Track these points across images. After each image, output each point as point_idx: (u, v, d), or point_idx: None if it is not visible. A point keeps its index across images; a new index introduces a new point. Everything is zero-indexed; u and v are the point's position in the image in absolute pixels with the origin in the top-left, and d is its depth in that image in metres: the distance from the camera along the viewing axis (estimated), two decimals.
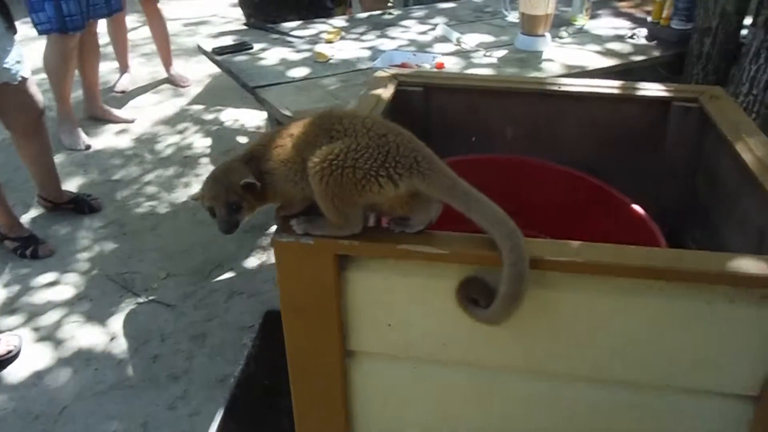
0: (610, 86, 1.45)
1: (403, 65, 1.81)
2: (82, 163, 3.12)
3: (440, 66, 1.93)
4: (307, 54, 2.09)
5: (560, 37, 2.25)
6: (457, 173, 1.56)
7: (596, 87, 1.45)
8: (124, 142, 3.33)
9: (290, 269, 0.93)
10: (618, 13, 2.61)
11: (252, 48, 2.13)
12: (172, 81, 3.99)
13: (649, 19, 2.31)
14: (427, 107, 1.52)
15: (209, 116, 3.60)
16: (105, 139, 3.35)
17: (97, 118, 3.51)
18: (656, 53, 2.12)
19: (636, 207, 1.38)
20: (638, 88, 1.44)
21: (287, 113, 1.64)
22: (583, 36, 2.30)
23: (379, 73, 1.51)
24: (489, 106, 1.52)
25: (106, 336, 2.09)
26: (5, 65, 2.15)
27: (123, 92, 3.88)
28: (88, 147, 3.25)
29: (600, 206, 1.44)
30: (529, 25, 2.09)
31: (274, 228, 0.97)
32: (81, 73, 3.31)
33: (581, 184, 1.45)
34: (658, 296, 0.86)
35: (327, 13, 2.68)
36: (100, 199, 2.78)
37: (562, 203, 1.48)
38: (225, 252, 2.50)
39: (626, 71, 2.07)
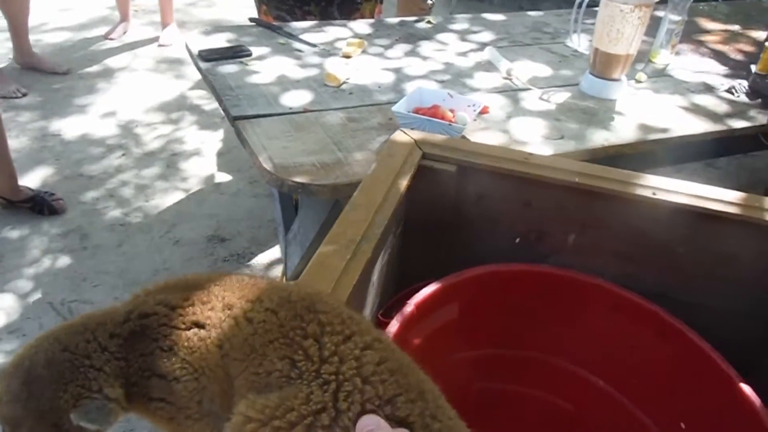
0: (725, 200, 1.00)
1: (433, 110, 1.36)
2: (55, 151, 2.71)
3: (485, 111, 1.49)
4: (315, 70, 1.65)
5: (638, 81, 1.78)
6: (492, 285, 1.14)
7: (704, 199, 1.00)
8: (108, 128, 2.91)
9: None
10: (704, 51, 2.12)
11: (249, 54, 1.69)
12: (161, 41, 3.73)
13: (752, 68, 1.83)
14: (461, 191, 1.07)
15: (210, 106, 3.17)
16: (85, 123, 2.93)
17: (30, 67, 3.24)
18: (763, 119, 1.65)
19: (746, 388, 0.94)
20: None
21: (268, 167, 1.20)
22: (664, 81, 1.82)
23: (398, 137, 1.07)
24: (546, 201, 1.07)
25: None
26: None
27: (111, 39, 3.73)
28: (24, 94, 3.04)
29: (694, 369, 1.00)
30: (603, 65, 1.63)
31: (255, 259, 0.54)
32: (4, 13, 2.98)
33: (672, 334, 1.01)
34: None
35: (354, 8, 2.21)
36: (63, 199, 2.37)
37: (642, 356, 1.04)
38: None
39: (719, 139, 1.61)
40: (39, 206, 2.30)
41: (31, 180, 2.50)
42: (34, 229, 2.26)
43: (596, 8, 1.61)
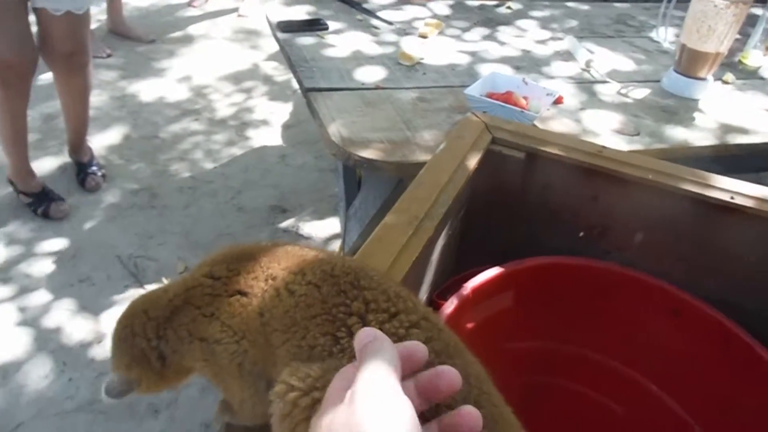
0: None
1: (506, 95, 1.33)
2: (132, 112, 2.81)
3: (560, 101, 1.45)
4: (391, 48, 1.64)
5: (724, 82, 1.69)
6: (551, 277, 1.12)
7: None
8: (183, 93, 3.00)
9: None
10: None
11: (326, 28, 1.70)
12: (241, 11, 3.85)
13: None
14: (527, 179, 1.06)
15: (283, 77, 3.21)
16: (162, 86, 3.03)
17: (119, 34, 3.39)
18: None
19: None
20: None
21: (336, 140, 1.21)
22: (754, 83, 1.73)
23: (470, 119, 1.06)
24: (615, 196, 1.04)
25: (95, 336, 1.79)
26: None
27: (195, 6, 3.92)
28: (109, 55, 3.20)
29: (759, 385, 0.95)
30: (689, 62, 1.55)
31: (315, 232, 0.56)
32: None
33: (737, 345, 0.96)
34: None
35: None
36: (102, 174, 2.38)
37: (702, 364, 1.00)
38: None
39: None
40: (79, 173, 2.33)
41: (108, 137, 2.61)
42: (109, 184, 2.36)
43: (688, 2, 1.53)
